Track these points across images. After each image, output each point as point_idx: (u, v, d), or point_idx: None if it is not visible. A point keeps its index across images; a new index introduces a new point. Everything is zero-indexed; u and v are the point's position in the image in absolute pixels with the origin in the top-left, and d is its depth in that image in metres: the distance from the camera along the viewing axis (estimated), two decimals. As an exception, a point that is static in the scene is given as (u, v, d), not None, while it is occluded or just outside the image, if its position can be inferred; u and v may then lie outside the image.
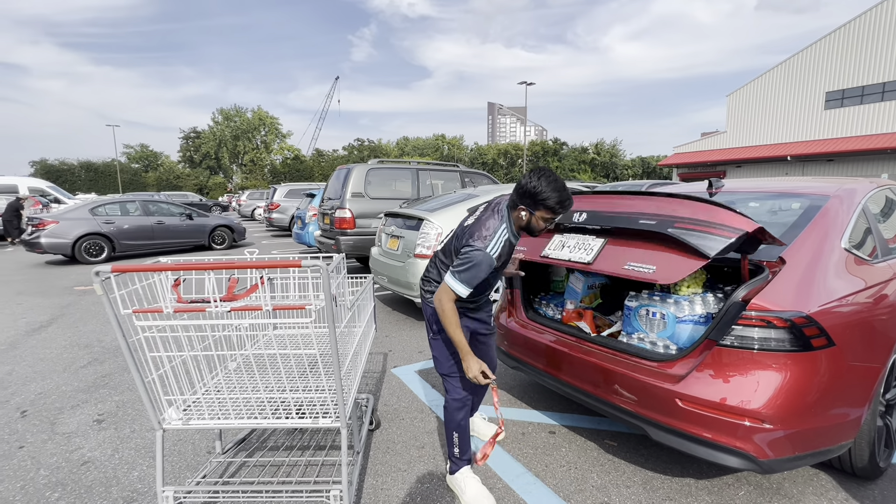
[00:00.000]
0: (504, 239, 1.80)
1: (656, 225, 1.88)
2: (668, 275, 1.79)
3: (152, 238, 10.19)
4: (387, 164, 7.36)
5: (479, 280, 1.75)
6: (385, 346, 4.06)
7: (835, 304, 1.76)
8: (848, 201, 2.28)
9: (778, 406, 1.64)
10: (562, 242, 2.35)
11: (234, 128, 65.37)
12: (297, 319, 1.48)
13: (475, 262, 1.73)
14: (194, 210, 11.28)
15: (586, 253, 2.16)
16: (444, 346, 2.03)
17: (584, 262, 2.13)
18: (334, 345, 1.49)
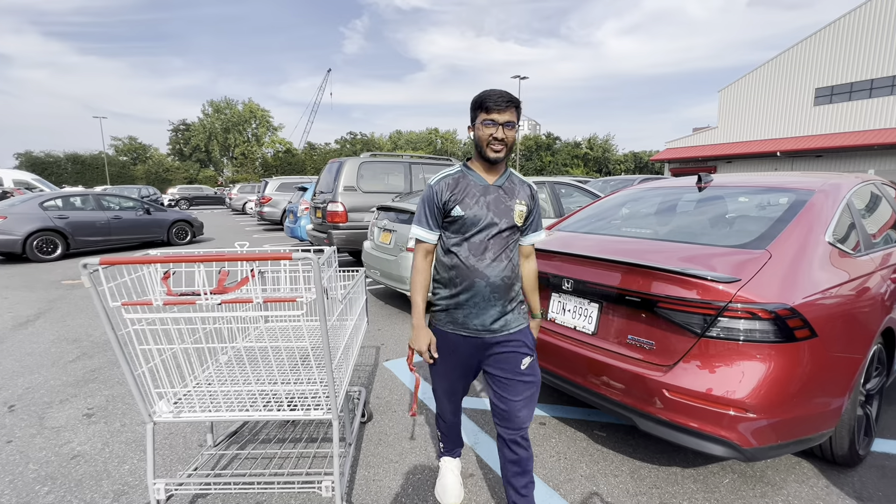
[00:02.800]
0: (449, 171, 1.69)
1: (642, 304, 1.97)
2: (666, 354, 1.89)
3: (109, 234, 9.77)
4: (379, 158, 7.33)
5: (429, 213, 1.64)
6: (377, 340, 4.07)
7: (818, 297, 1.80)
8: (833, 196, 2.32)
9: (761, 396, 1.68)
10: (562, 305, 2.39)
11: (225, 120, 64.52)
12: (288, 312, 1.48)
13: (421, 197, 1.69)
14: (152, 204, 10.98)
15: (588, 322, 2.24)
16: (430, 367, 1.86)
17: (590, 333, 2.22)
18: (325, 337, 1.49)
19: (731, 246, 2.08)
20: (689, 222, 2.68)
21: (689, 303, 1.81)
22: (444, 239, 1.69)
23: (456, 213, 1.62)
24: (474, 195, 1.64)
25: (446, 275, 1.68)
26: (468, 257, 1.64)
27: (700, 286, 1.80)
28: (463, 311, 1.67)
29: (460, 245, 1.64)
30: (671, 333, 1.89)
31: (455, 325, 1.69)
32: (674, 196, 3.05)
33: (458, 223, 1.63)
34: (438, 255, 1.72)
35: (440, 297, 1.72)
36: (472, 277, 1.63)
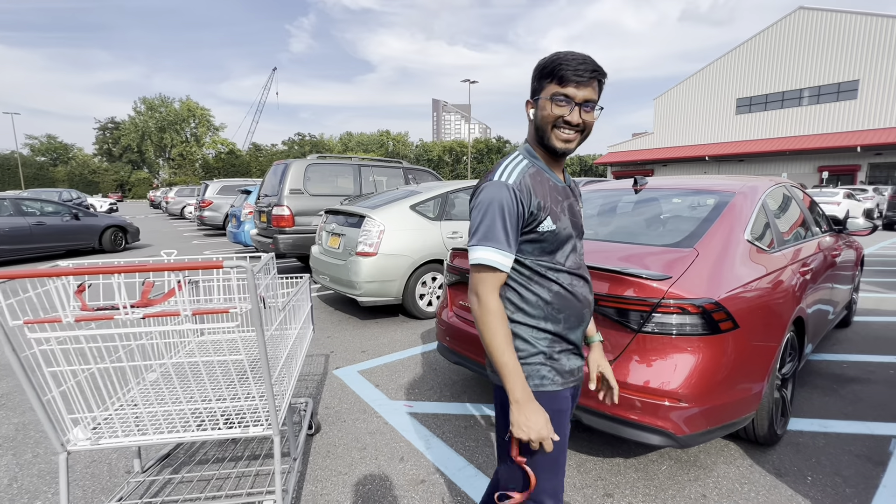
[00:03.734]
0: (519, 164, 1.16)
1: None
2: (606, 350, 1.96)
3: (30, 241, 8.88)
4: (327, 160, 7.14)
5: (510, 226, 1.10)
6: (327, 348, 3.95)
7: (739, 291, 1.95)
8: (750, 197, 2.52)
9: (692, 385, 1.79)
10: None
11: (160, 119, 60.38)
12: (221, 324, 1.39)
13: (487, 201, 1.11)
14: (81, 209, 10.13)
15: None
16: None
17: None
18: (262, 349, 1.42)
19: (664, 245, 2.20)
20: (627, 223, 2.82)
21: (626, 300, 1.89)
22: (525, 263, 1.17)
23: (545, 228, 1.13)
24: (556, 200, 1.18)
25: (540, 311, 1.17)
26: (573, 284, 1.20)
27: (636, 284, 1.89)
28: (570, 353, 1.21)
29: (559, 270, 1.18)
30: (611, 330, 1.96)
31: (564, 376, 1.19)
32: (613, 198, 3.20)
33: (545, 242, 1.15)
34: (513, 284, 1.18)
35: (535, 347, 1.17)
36: (582, 309, 1.22)
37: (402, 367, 3.49)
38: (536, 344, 1.17)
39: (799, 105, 31.22)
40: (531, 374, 1.16)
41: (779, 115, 32.11)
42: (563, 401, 1.19)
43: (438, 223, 4.82)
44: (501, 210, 1.09)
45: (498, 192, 1.11)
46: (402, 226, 4.57)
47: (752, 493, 1.98)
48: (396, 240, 4.47)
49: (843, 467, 2.16)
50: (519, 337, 1.17)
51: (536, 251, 1.16)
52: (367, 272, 4.35)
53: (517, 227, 1.11)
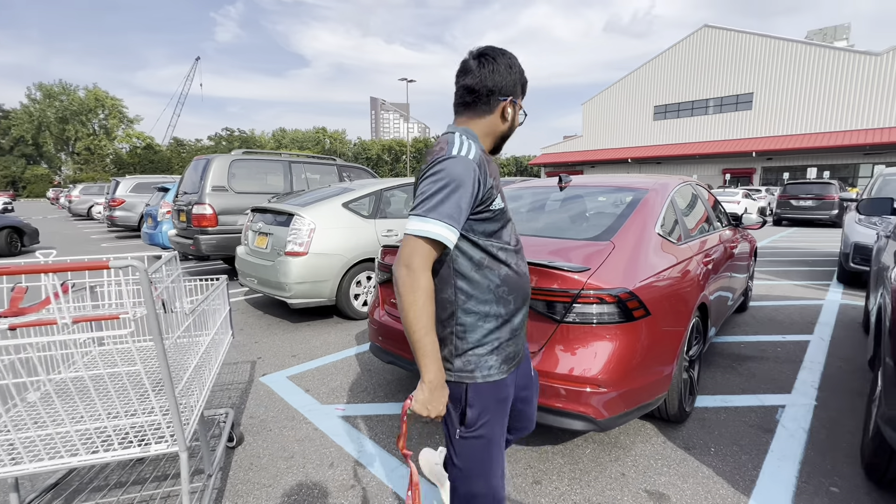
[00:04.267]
0: (474, 143, 1.15)
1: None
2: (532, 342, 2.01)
3: None
4: (254, 156, 6.74)
5: (464, 205, 1.07)
6: (253, 354, 3.72)
7: (651, 280, 2.09)
8: (661, 194, 2.72)
9: (610, 371, 1.88)
10: None
11: (61, 108, 53.77)
12: (112, 332, 1.23)
13: (446, 174, 1.06)
14: None
15: None
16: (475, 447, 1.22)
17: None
18: (162, 359, 1.28)
19: (585, 239, 2.31)
20: (552, 219, 2.93)
21: (549, 292, 1.96)
22: (478, 245, 1.16)
23: (497, 206, 1.16)
24: (499, 182, 1.23)
25: (492, 296, 1.17)
26: (518, 262, 1.23)
27: (558, 276, 1.96)
28: (517, 339, 1.24)
29: (507, 250, 1.20)
30: (536, 322, 2.02)
31: (510, 364, 1.22)
32: (540, 195, 3.31)
33: (493, 220, 1.17)
34: (463, 271, 1.16)
35: (487, 333, 1.17)
36: (525, 287, 1.25)
37: (334, 369, 3.37)
38: (486, 334, 1.17)
39: (706, 114, 34.58)
40: (479, 365, 1.17)
41: (690, 123, 35.35)
42: (507, 388, 1.22)
43: (373, 221, 4.72)
44: (460, 185, 1.06)
45: (460, 166, 1.07)
46: (335, 224, 4.42)
47: (665, 467, 2.14)
48: (328, 238, 4.31)
49: (740, 437, 2.39)
50: (468, 326, 1.16)
51: (487, 231, 1.16)
52: (298, 273, 4.15)
53: (470, 205, 1.09)
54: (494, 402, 1.19)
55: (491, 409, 1.19)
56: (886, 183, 6.49)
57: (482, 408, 1.18)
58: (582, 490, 1.99)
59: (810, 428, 2.48)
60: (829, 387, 2.98)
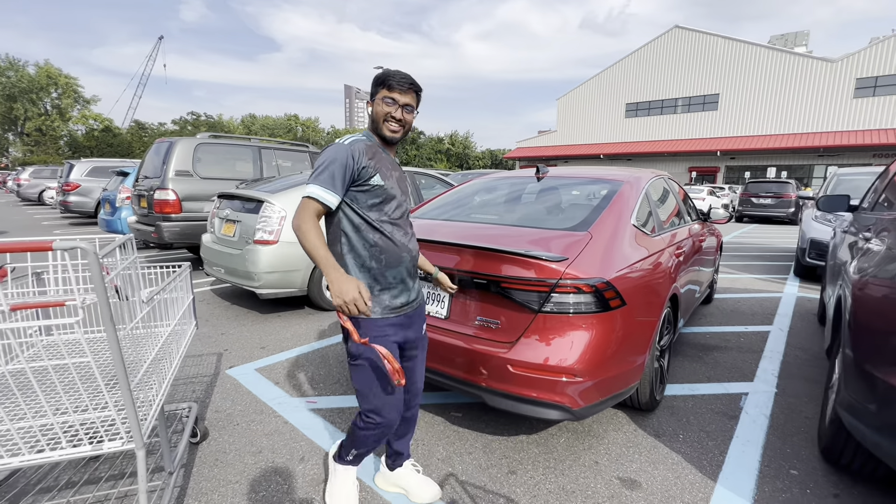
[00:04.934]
0: (357, 136, 1.58)
1: (488, 286, 2.07)
2: (509, 331, 2.02)
3: None
4: (221, 140, 6.45)
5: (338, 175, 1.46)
6: (220, 346, 3.57)
7: (626, 271, 2.10)
8: (636, 186, 2.74)
9: (586, 361, 1.89)
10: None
11: (8, 85, 50.01)
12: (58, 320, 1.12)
13: (325, 154, 1.49)
14: None
15: (441, 307, 2.28)
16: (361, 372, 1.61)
17: (442, 318, 2.26)
18: (116, 349, 1.18)
19: (562, 229, 2.30)
20: (530, 209, 2.92)
21: (528, 281, 1.94)
22: (358, 213, 1.54)
23: (375, 182, 1.53)
24: (388, 168, 1.60)
25: (367, 253, 1.55)
26: (393, 232, 1.59)
27: (536, 266, 1.94)
28: (391, 293, 1.60)
29: (384, 220, 1.57)
30: (514, 311, 2.00)
31: (386, 311, 1.59)
32: (518, 186, 3.30)
33: (374, 193, 1.54)
34: (346, 231, 1.55)
35: (363, 280, 1.56)
36: (400, 254, 1.60)
37: (306, 361, 3.28)
38: (361, 280, 1.54)
39: (674, 112, 35.60)
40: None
41: (659, 121, 36.31)
42: (383, 328, 1.57)
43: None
44: (334, 161, 1.48)
45: (335, 149, 1.51)
46: (307, 212, 4.27)
47: (636, 454, 2.18)
48: (300, 227, 4.17)
49: (707, 424, 2.47)
50: (349, 273, 1.55)
51: (369, 203, 1.54)
52: (267, 262, 4.00)
53: (344, 176, 1.49)
54: (377, 336, 1.55)
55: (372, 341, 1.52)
56: (840, 182, 6.84)
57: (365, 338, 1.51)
58: (556, 479, 2.00)
59: (771, 414, 2.58)
60: (788, 374, 3.11)
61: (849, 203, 3.65)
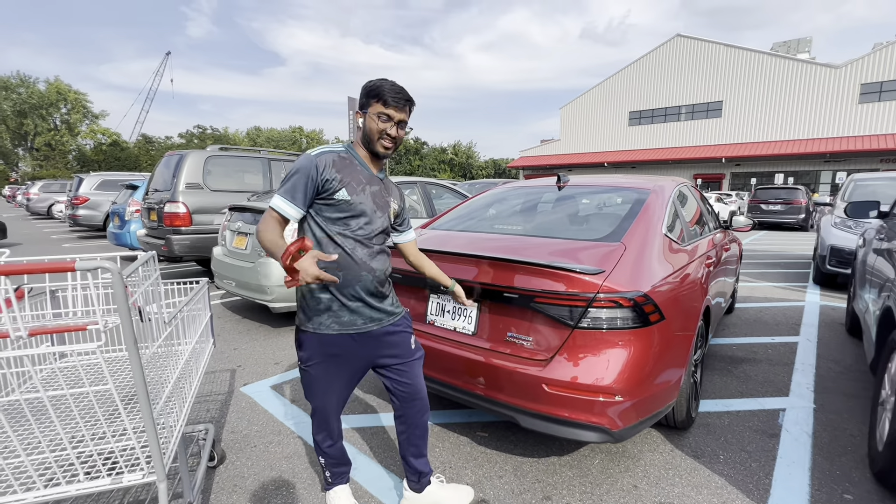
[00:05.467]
0: (332, 147, 1.57)
1: (520, 300, 1.95)
2: (543, 348, 1.90)
3: None
4: (230, 152, 6.43)
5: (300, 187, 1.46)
6: (233, 362, 3.48)
7: (663, 283, 2.00)
8: (662, 195, 2.65)
9: (626, 379, 1.78)
10: (441, 306, 2.28)
11: (19, 101, 50.85)
12: (76, 346, 1.04)
13: (294, 166, 1.51)
14: None
15: (468, 322, 2.16)
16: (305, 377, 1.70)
17: (470, 334, 2.14)
18: (139, 375, 1.10)
19: (593, 240, 2.21)
20: (555, 219, 2.83)
21: (562, 296, 1.84)
22: (321, 226, 1.53)
23: (340, 197, 1.51)
24: (360, 182, 1.56)
25: (324, 267, 1.51)
26: (355, 248, 1.55)
27: (571, 279, 1.85)
28: (350, 309, 1.57)
29: (346, 236, 1.54)
30: (547, 327, 1.91)
31: (342, 325, 1.57)
32: (539, 195, 3.22)
33: (339, 208, 1.51)
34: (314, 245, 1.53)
35: (317, 296, 1.55)
36: (360, 271, 1.56)
37: (321, 378, 3.18)
38: (319, 295, 1.54)
39: (678, 120, 35.59)
40: (312, 318, 1.56)
41: (663, 129, 36.29)
42: (336, 344, 1.58)
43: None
44: (297, 172, 1.48)
45: (302, 160, 1.50)
46: (320, 224, 4.21)
47: (677, 477, 2.06)
48: (313, 239, 4.10)
49: (747, 443, 2.34)
50: (307, 294, 1.55)
51: (332, 217, 1.51)
52: (280, 274, 3.93)
53: (306, 188, 1.47)
54: (322, 351, 1.58)
55: (318, 356, 1.59)
56: (857, 188, 6.72)
57: (311, 352, 1.59)
58: (594, 505, 1.88)
59: (813, 432, 2.45)
60: (824, 389, 2.98)
61: (879, 208, 3.54)
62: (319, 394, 1.66)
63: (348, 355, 1.62)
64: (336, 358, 1.61)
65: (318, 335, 1.57)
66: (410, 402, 1.75)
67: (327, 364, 1.61)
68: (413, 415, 1.76)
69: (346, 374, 1.66)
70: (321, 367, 1.62)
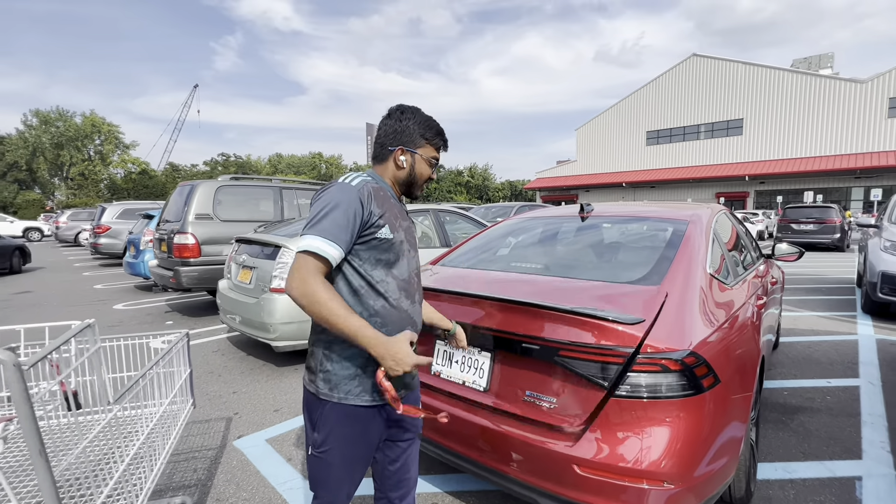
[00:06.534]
0: (363, 177, 1.26)
1: (541, 352, 1.65)
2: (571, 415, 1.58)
3: None
4: (242, 182, 6.37)
5: (344, 224, 1.15)
6: (230, 408, 3.23)
7: (714, 336, 1.68)
8: (701, 226, 2.33)
9: (675, 462, 1.45)
10: (448, 356, 1.98)
11: (57, 134, 53.60)
12: None
13: (327, 198, 1.18)
14: None
15: (479, 375, 1.85)
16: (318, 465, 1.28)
17: (481, 390, 1.82)
18: (49, 489, 0.84)
19: (627, 282, 1.91)
20: (580, 255, 2.54)
21: (593, 350, 1.54)
22: (360, 272, 1.23)
23: (384, 235, 1.23)
24: (397, 217, 1.31)
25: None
26: (399, 299, 1.28)
27: (604, 329, 1.54)
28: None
29: (387, 281, 1.26)
30: (575, 387, 1.59)
31: (372, 395, 1.26)
32: (560, 226, 2.93)
33: (381, 249, 1.24)
34: (341, 292, 1.22)
35: (348, 357, 1.23)
36: (404, 326, 1.29)
37: (323, 428, 2.89)
38: (352, 357, 1.22)
39: (697, 139, 35.03)
40: (338, 385, 1.22)
41: (682, 147, 35.75)
42: (367, 419, 1.26)
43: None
44: (338, 205, 1.16)
45: (340, 192, 1.19)
46: (326, 256, 4.00)
47: (741, 576, 1.68)
48: (319, 273, 3.88)
49: (821, 525, 1.94)
50: (337, 346, 1.22)
51: (374, 260, 1.24)
52: (284, 312, 3.71)
53: (353, 225, 1.17)
54: (348, 427, 1.24)
55: (339, 437, 1.24)
56: (904, 206, 6.23)
57: (330, 430, 1.24)
58: None
59: (902, 510, 2.03)
60: (903, 449, 2.54)
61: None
62: (333, 485, 1.27)
63: (373, 432, 1.29)
64: (360, 437, 1.27)
65: (343, 407, 1.23)
66: (401, 490, 1.44)
67: (348, 446, 1.26)
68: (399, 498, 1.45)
69: (366, 456, 1.31)
70: (340, 451, 1.25)
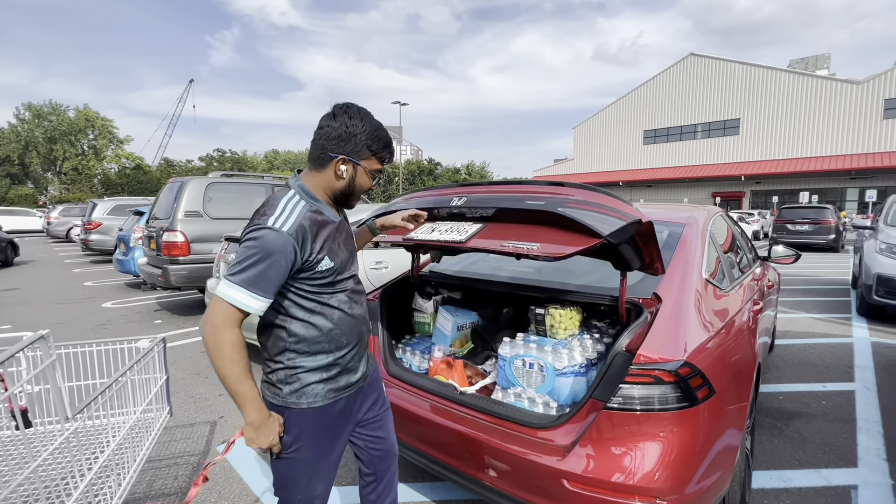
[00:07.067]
0: (297, 205, 1.19)
1: (545, 204, 1.49)
2: (553, 250, 1.43)
3: None
4: (233, 179, 6.27)
5: (274, 277, 1.11)
6: (216, 411, 3.16)
7: (710, 345, 1.62)
8: (696, 230, 2.28)
9: (668, 476, 1.39)
10: (431, 227, 1.83)
11: (50, 128, 52.99)
12: None
13: (259, 246, 1.10)
14: None
15: (459, 234, 1.68)
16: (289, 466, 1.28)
17: (457, 241, 1.65)
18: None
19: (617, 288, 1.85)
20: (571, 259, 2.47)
21: (585, 365, 1.48)
22: (308, 298, 1.24)
23: (324, 266, 1.23)
24: (334, 237, 1.29)
25: (325, 339, 1.26)
26: (352, 306, 1.33)
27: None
28: (348, 371, 1.34)
29: (334, 295, 1.29)
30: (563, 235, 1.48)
31: (338, 391, 1.31)
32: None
33: (324, 275, 1.24)
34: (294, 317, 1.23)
35: (313, 369, 1.26)
36: (359, 327, 1.36)
37: (309, 433, 2.83)
38: (315, 368, 1.26)
39: (694, 138, 35.06)
40: (305, 393, 1.25)
41: (678, 147, 35.78)
42: (330, 413, 1.29)
43: (360, 252, 4.23)
44: (270, 256, 1.11)
45: (272, 239, 1.12)
46: (316, 256, 3.93)
47: (734, 592, 1.63)
48: (309, 273, 3.81)
49: (817, 537, 1.90)
50: (299, 363, 1.24)
51: (319, 286, 1.24)
52: (272, 312, 3.63)
53: (283, 275, 1.15)
54: (317, 427, 1.28)
55: (307, 435, 1.26)
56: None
57: (298, 432, 1.25)
58: None
59: (898, 521, 1.99)
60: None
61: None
62: (304, 482, 1.28)
63: (342, 422, 1.35)
64: (328, 430, 1.31)
65: (312, 410, 1.26)
66: (385, 458, 1.51)
67: (317, 441, 1.29)
68: (386, 468, 1.53)
69: (338, 447, 1.35)
70: (310, 448, 1.27)
